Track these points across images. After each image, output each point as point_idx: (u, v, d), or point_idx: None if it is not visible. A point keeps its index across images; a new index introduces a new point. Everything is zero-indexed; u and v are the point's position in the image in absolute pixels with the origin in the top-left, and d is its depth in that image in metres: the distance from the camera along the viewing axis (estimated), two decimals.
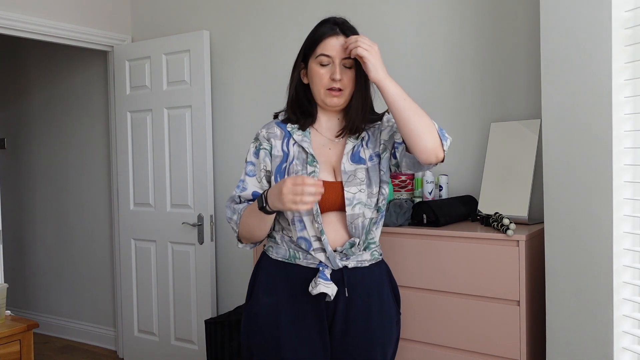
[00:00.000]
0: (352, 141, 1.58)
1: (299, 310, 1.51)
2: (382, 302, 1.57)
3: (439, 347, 2.00)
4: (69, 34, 3.26)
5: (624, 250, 1.59)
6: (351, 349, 1.53)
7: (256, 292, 1.58)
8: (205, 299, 3.16)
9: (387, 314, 1.58)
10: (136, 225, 3.44)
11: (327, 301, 1.49)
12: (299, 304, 1.51)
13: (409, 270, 2.05)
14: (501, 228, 1.89)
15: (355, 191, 1.51)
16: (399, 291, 1.67)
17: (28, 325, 2.42)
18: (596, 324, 1.62)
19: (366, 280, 1.55)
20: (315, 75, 1.53)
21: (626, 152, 1.58)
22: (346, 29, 1.55)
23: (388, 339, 1.59)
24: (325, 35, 1.53)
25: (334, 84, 1.51)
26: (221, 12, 3.21)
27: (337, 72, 1.50)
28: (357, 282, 1.53)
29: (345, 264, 1.51)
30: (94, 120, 3.87)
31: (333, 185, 1.52)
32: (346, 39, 1.51)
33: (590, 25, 1.60)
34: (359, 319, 1.53)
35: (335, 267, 1.50)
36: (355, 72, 1.54)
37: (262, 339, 1.53)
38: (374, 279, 1.57)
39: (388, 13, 2.63)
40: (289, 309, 1.51)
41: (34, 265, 4.32)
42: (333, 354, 1.54)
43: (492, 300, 1.89)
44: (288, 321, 1.51)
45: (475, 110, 2.42)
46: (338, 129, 1.61)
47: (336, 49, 1.51)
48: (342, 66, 1.52)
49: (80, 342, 4.00)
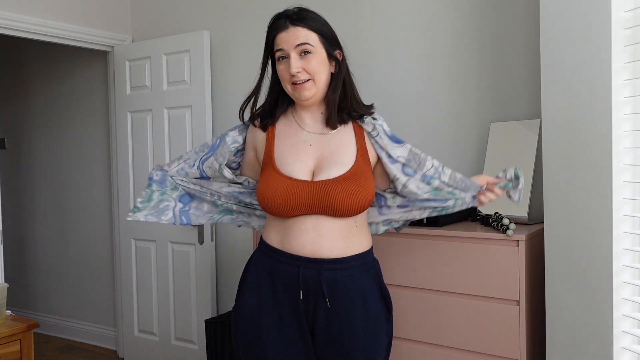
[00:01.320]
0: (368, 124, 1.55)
1: (281, 311, 1.49)
2: (367, 311, 1.50)
3: (439, 347, 2.00)
4: (69, 34, 3.26)
5: (623, 250, 1.59)
6: (334, 355, 1.49)
7: (243, 290, 1.57)
8: (205, 299, 3.16)
9: (373, 321, 1.51)
10: (136, 225, 3.43)
11: (306, 304, 1.46)
12: (280, 306, 1.49)
13: (408, 270, 2.05)
14: (501, 228, 1.89)
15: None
16: (391, 295, 1.61)
17: (28, 325, 2.42)
18: (596, 323, 1.62)
19: (348, 289, 1.48)
20: (278, 73, 1.50)
21: (626, 152, 1.58)
22: (298, 19, 1.46)
23: (374, 346, 1.51)
24: (276, 32, 1.48)
25: (294, 78, 1.46)
26: (221, 12, 3.21)
27: (292, 64, 1.44)
28: (339, 291, 1.47)
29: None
30: (94, 120, 3.87)
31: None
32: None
33: (590, 25, 1.60)
34: (342, 327, 1.47)
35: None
36: (324, 56, 1.48)
37: (247, 339, 1.53)
38: (359, 288, 1.50)
39: (389, 13, 2.63)
40: (272, 309, 1.49)
41: (34, 265, 4.32)
42: (317, 354, 1.50)
43: (492, 300, 1.89)
44: (270, 322, 1.49)
45: (475, 110, 2.42)
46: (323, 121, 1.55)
47: (288, 42, 1.45)
48: (301, 54, 1.45)
49: (81, 342, 4.00)
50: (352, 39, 2.70)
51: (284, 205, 1.46)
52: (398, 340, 2.04)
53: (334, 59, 1.51)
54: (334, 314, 1.47)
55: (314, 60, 1.46)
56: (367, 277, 1.52)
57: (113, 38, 3.49)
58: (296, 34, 1.45)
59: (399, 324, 2.03)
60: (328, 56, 1.49)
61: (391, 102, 2.63)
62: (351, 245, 1.50)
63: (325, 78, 1.50)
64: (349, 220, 1.48)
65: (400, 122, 2.61)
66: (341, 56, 1.53)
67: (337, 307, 1.47)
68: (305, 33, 1.45)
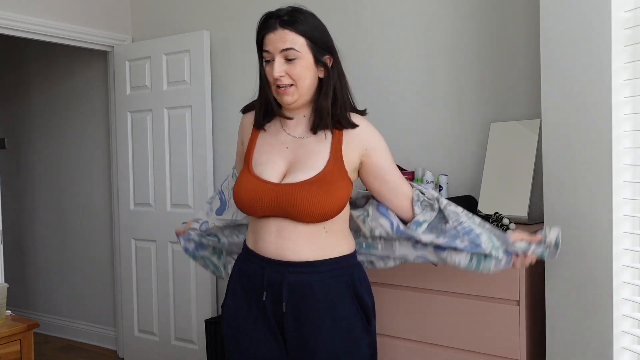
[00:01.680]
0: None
1: (252, 312, 1.49)
2: (337, 318, 1.44)
3: (439, 347, 2.00)
4: (69, 34, 3.26)
5: (623, 250, 1.59)
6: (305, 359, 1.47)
7: (226, 291, 1.59)
8: (205, 299, 3.16)
9: (345, 329, 1.45)
10: (136, 225, 3.43)
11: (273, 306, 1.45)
12: (252, 307, 1.49)
13: (408, 270, 2.05)
14: (501, 228, 1.89)
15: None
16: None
17: (28, 325, 2.42)
18: (596, 323, 1.62)
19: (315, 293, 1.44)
20: (265, 73, 1.46)
21: (626, 152, 1.58)
22: (287, 21, 1.41)
23: (347, 355, 1.45)
24: (264, 32, 1.44)
25: (277, 82, 1.42)
26: (221, 12, 3.21)
27: (275, 68, 1.40)
28: (306, 295, 1.44)
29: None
30: (94, 120, 3.87)
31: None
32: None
33: (590, 25, 1.60)
34: (310, 332, 1.44)
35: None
36: (311, 61, 1.43)
37: (228, 339, 1.55)
38: (328, 293, 1.45)
39: (389, 13, 2.63)
40: (246, 310, 1.50)
41: (34, 265, 4.32)
42: (290, 355, 1.48)
43: (492, 300, 1.89)
44: (244, 322, 1.50)
45: (475, 110, 2.42)
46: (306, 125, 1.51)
47: (274, 45, 1.41)
48: (284, 59, 1.41)
49: (81, 342, 4.00)
50: (353, 39, 2.70)
51: (249, 205, 1.45)
52: (398, 340, 2.05)
53: (322, 64, 1.45)
54: (303, 318, 1.44)
55: (299, 66, 1.41)
56: (339, 282, 1.46)
57: (113, 38, 3.49)
58: (283, 37, 1.40)
59: (399, 324, 2.03)
60: (316, 61, 1.44)
61: (391, 102, 2.63)
62: (321, 250, 1.45)
63: (309, 84, 1.44)
64: (316, 225, 1.43)
65: (400, 122, 2.61)
66: (331, 62, 1.47)
67: (304, 311, 1.44)
68: (292, 37, 1.40)
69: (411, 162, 2.55)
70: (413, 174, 2.44)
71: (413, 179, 2.43)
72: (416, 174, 2.42)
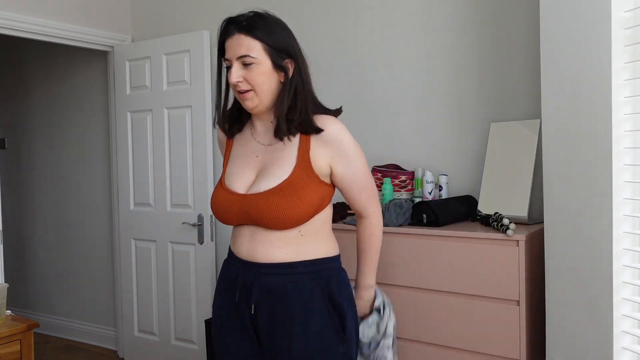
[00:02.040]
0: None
1: (231, 312, 1.51)
2: (309, 322, 1.42)
3: (439, 347, 2.00)
4: (69, 34, 3.26)
5: (623, 250, 1.59)
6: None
7: (215, 291, 1.62)
8: (205, 299, 3.16)
9: (317, 334, 1.42)
10: (136, 225, 3.44)
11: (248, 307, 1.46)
12: (231, 307, 1.51)
13: (408, 270, 2.05)
14: (501, 228, 1.89)
15: None
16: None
17: (28, 325, 2.42)
18: (596, 323, 1.62)
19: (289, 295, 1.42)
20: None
21: (626, 152, 1.58)
22: (245, 27, 1.40)
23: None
24: (223, 37, 1.45)
25: (236, 87, 1.42)
26: (221, 12, 3.21)
27: (232, 74, 1.40)
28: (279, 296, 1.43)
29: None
30: (94, 120, 3.87)
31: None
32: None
33: (590, 25, 1.60)
34: (282, 332, 1.43)
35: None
36: (269, 66, 1.40)
37: (214, 337, 1.58)
38: (301, 295, 1.42)
39: (389, 13, 2.63)
40: (227, 310, 1.52)
41: (34, 265, 4.32)
42: (265, 354, 1.47)
43: (492, 300, 1.89)
44: (224, 322, 1.53)
45: (475, 110, 2.43)
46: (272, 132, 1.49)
47: (232, 50, 1.41)
48: (242, 65, 1.40)
49: (81, 342, 4.00)
50: (353, 39, 2.70)
51: (222, 216, 1.50)
52: (398, 340, 2.04)
53: (282, 69, 1.42)
54: (277, 318, 1.43)
55: (256, 71, 1.40)
56: (314, 285, 1.43)
57: (113, 38, 3.49)
58: (239, 42, 1.40)
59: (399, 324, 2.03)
60: (275, 66, 1.41)
61: (391, 102, 2.63)
62: (295, 252, 1.43)
63: (269, 88, 1.42)
64: (291, 231, 1.42)
65: (400, 123, 2.61)
66: (292, 66, 1.44)
67: (277, 313, 1.43)
68: (249, 43, 1.39)
69: (411, 162, 2.55)
70: (413, 174, 2.45)
71: (413, 179, 2.43)
72: (416, 174, 2.43)
